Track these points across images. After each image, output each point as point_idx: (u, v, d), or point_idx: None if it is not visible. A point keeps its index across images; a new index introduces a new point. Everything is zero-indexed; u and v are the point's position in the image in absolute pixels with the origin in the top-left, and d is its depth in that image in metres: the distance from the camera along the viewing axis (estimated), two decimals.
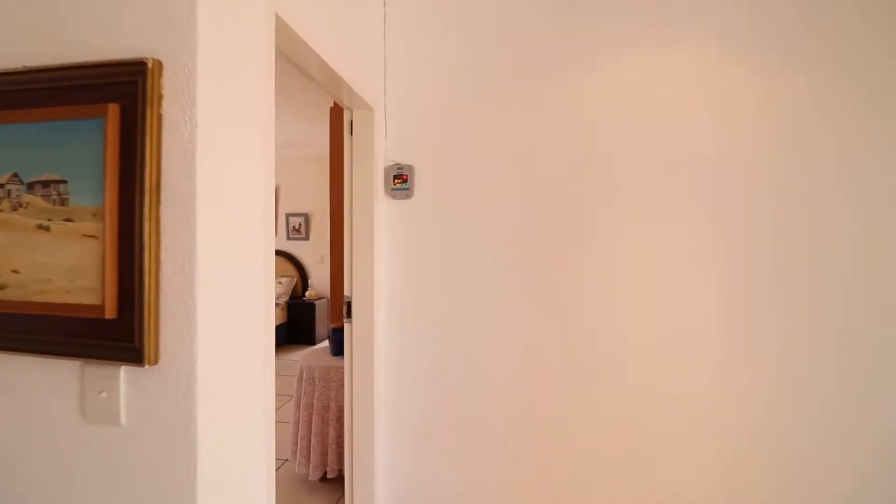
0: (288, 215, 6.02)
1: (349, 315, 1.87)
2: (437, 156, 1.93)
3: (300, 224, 6.00)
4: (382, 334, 1.94)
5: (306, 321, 5.57)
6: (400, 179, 1.93)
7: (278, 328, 5.38)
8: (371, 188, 1.85)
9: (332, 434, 2.40)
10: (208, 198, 0.84)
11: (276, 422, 1.15)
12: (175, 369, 0.82)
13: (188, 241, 0.81)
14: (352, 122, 1.85)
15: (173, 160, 0.81)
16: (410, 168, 1.93)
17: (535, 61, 1.86)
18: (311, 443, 2.42)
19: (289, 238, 6.05)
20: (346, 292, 1.89)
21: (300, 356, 2.76)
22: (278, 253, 6.02)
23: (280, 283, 5.76)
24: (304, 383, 2.50)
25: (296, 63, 1.39)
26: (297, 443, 2.50)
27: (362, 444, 1.87)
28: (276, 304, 5.42)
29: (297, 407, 2.52)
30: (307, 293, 5.75)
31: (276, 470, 2.66)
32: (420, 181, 1.94)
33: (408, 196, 1.94)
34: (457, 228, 1.92)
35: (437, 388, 1.95)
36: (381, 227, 1.92)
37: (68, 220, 0.84)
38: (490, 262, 1.90)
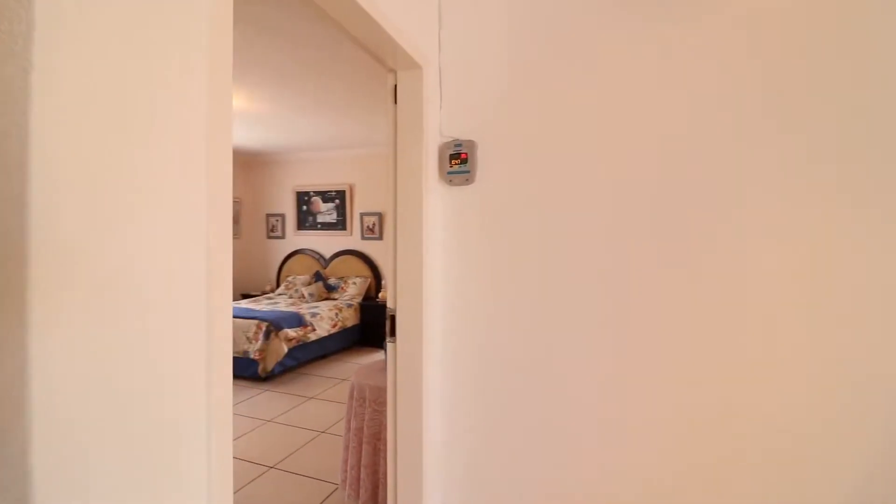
0: (362, 215, 5.92)
1: (392, 333, 1.48)
2: (506, 128, 1.46)
3: (374, 223, 5.86)
4: (434, 361, 1.52)
5: (380, 323, 5.38)
6: (458, 160, 1.49)
7: (350, 329, 5.26)
8: (420, 171, 1.43)
9: (383, 467, 2.04)
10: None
11: (333, 434, 0.78)
12: None
13: None
14: (396, 87, 1.46)
15: None
16: (471, 145, 1.48)
17: None
18: (361, 475, 2.09)
19: (363, 238, 5.94)
20: (388, 304, 1.50)
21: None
22: (352, 253, 5.94)
23: (354, 283, 5.66)
24: (354, 403, 2.18)
25: None
26: (346, 471, 2.18)
27: (408, 499, 1.46)
28: (349, 306, 5.31)
29: (348, 430, 2.20)
30: (380, 294, 5.57)
31: (325, 498, 2.41)
32: (484, 161, 1.49)
33: (468, 181, 1.50)
34: (535, 222, 1.43)
35: (506, 440, 1.47)
36: (432, 221, 1.50)
37: None
38: (584, 270, 1.38)
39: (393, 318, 1.48)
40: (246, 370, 4.14)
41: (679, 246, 1.28)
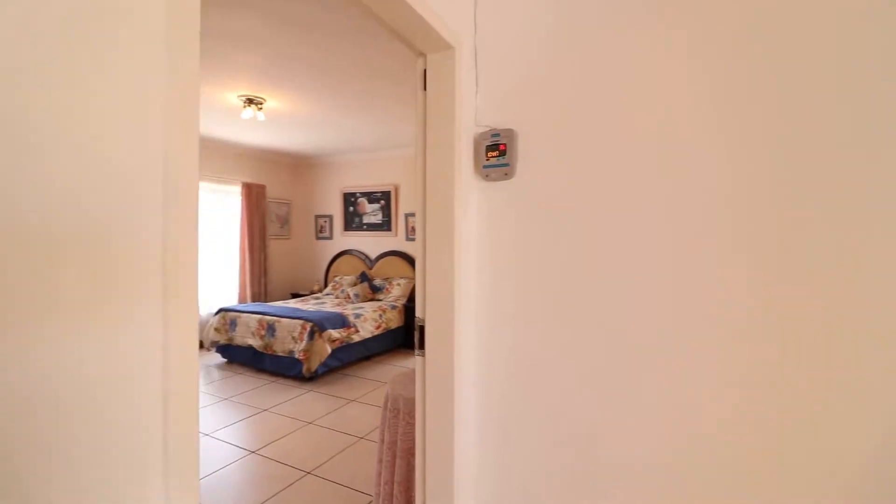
0: (406, 215, 5.86)
1: (422, 345, 1.34)
2: (552, 115, 1.28)
3: None
4: (466, 378, 1.36)
5: None
6: (495, 152, 1.32)
7: (394, 331, 5.21)
8: (452, 165, 1.28)
9: None
10: None
11: (372, 441, 0.65)
12: None
13: None
14: (425, 71, 1.31)
15: None
16: (511, 134, 1.31)
17: None
18: (394, 491, 1.96)
19: (408, 239, 5.89)
20: (417, 313, 1.36)
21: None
22: (397, 254, 5.90)
23: (398, 284, 5.62)
24: (388, 414, 2.06)
25: None
26: (379, 485, 2.07)
27: None
28: (394, 307, 5.26)
29: (381, 442, 2.09)
30: None
31: None
32: (526, 153, 1.31)
33: (506, 175, 1.32)
34: (586, 222, 1.23)
35: (541, 456, 1.28)
36: (466, 220, 1.34)
37: None
38: (637, 276, 1.16)
39: (422, 328, 1.33)
40: (291, 370, 4.19)
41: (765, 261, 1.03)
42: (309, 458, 2.72)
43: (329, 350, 4.12)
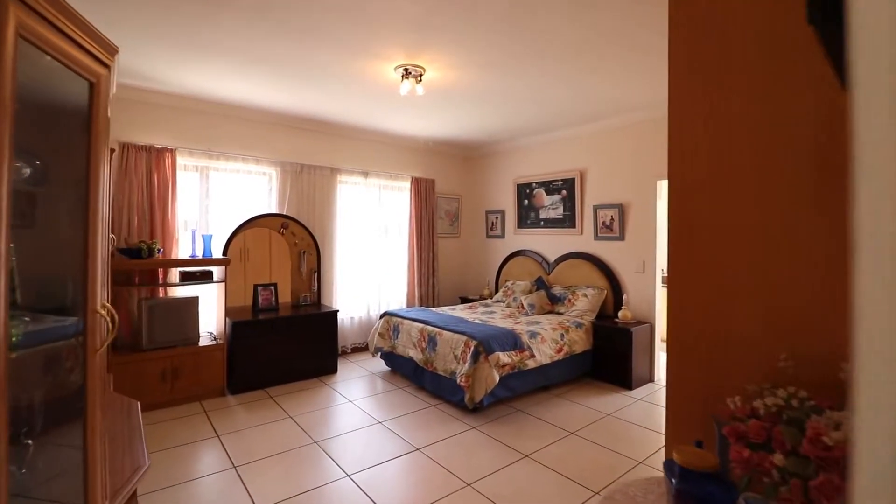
0: (596, 208, 4.62)
1: None
2: None
3: (611, 219, 4.48)
4: None
5: (618, 352, 4.00)
6: None
7: (580, 357, 4.05)
8: None
9: None
10: None
11: None
12: None
13: None
14: None
15: None
16: None
17: None
18: None
19: (597, 238, 4.64)
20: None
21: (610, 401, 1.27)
22: (582, 256, 4.71)
23: (585, 296, 4.43)
24: None
25: None
26: None
27: None
28: (579, 325, 4.11)
29: None
30: (620, 313, 4.17)
31: None
32: None
33: None
34: None
35: None
36: None
37: None
38: None
39: None
40: (452, 395, 3.49)
41: None
42: None
43: (497, 378, 3.26)
